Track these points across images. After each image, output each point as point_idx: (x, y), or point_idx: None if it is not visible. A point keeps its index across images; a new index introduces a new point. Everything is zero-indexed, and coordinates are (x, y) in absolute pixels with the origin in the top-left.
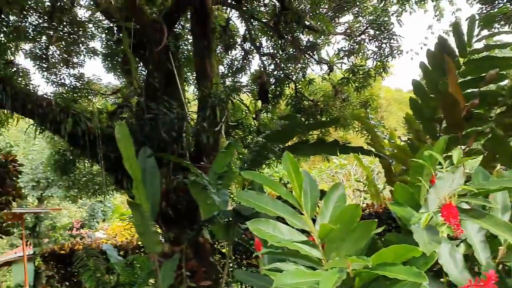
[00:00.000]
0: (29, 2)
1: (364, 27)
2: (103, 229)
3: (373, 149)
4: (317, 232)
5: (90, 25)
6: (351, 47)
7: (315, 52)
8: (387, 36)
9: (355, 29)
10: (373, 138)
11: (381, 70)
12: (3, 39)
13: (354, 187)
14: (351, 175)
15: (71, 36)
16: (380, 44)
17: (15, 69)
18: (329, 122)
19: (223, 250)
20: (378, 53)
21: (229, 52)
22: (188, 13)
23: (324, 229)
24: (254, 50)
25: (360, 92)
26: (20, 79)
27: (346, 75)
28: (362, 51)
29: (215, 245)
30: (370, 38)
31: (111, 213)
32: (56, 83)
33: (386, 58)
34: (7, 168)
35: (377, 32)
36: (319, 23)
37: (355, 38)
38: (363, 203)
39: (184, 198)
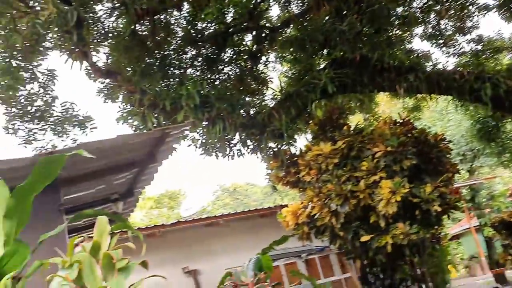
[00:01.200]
0: None
1: None
2: None
3: None
4: None
5: None
6: None
7: None
8: None
9: None
10: None
11: None
12: (397, 32)
13: None
14: None
15: (459, 2)
16: None
17: (415, 54)
18: None
19: None
20: None
21: None
22: None
23: None
24: None
25: None
26: (424, 62)
27: None
28: None
29: None
30: None
31: None
32: (456, 54)
33: None
34: (439, 147)
35: None
36: None
37: None
38: None
39: None
